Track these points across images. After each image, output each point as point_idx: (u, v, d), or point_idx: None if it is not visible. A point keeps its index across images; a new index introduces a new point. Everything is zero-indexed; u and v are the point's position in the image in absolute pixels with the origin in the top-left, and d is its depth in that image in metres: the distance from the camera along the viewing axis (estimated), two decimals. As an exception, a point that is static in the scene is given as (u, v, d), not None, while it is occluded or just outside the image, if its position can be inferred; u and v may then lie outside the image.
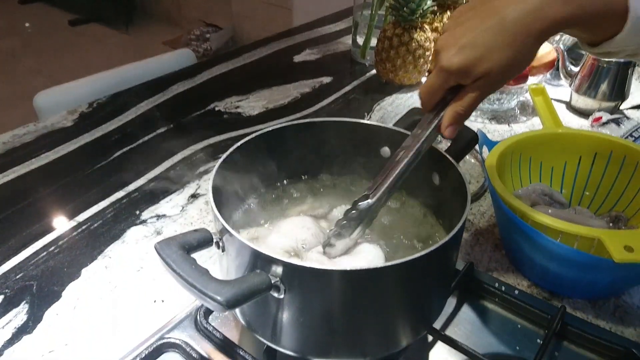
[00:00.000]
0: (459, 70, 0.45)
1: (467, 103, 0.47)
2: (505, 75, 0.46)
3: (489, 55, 0.44)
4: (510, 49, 0.44)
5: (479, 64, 0.44)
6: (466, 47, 0.44)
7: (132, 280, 0.62)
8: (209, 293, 0.36)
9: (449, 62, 0.45)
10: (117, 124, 0.94)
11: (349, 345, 0.45)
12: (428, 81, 0.49)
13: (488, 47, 0.44)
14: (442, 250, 0.42)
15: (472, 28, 0.45)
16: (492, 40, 0.44)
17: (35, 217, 0.72)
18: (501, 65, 0.44)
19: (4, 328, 0.55)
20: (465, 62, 0.45)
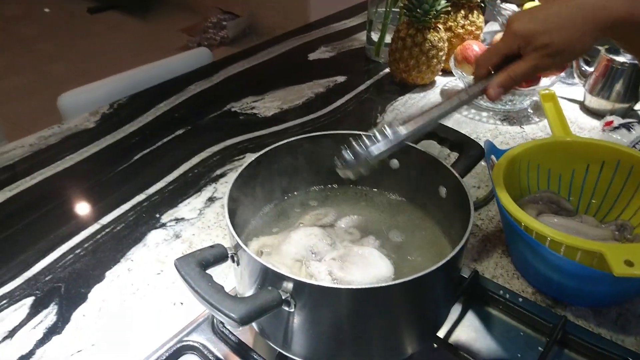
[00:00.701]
0: (526, 34, 0.52)
1: (521, 70, 0.54)
2: (563, 54, 0.52)
3: (556, 30, 0.51)
4: (575, 30, 0.51)
5: (544, 35, 0.51)
6: (539, 18, 0.52)
7: (153, 283, 0.65)
8: (224, 310, 0.39)
9: (520, 26, 0.53)
10: (137, 125, 0.97)
11: (356, 353, 0.48)
12: (490, 47, 0.56)
13: (557, 23, 0.51)
14: (448, 265, 0.44)
15: (550, 7, 0.52)
16: (563, 19, 0.51)
17: (62, 220, 0.76)
18: (562, 43, 0.51)
19: (35, 328, 0.60)
20: (533, 28, 0.52)
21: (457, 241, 0.46)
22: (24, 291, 0.64)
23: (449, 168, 0.55)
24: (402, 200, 0.63)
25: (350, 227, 0.61)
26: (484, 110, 1.05)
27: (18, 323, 0.60)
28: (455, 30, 1.13)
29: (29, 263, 0.68)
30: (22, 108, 2.41)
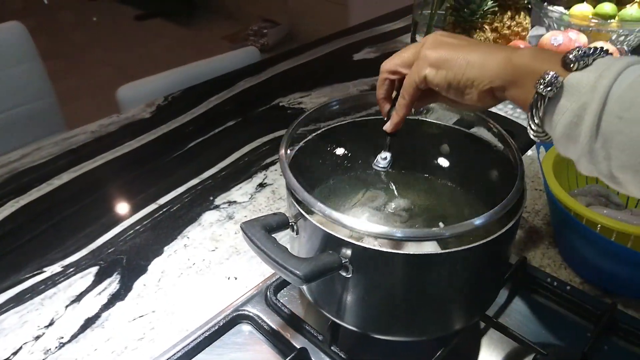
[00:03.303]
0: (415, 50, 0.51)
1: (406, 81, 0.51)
2: (449, 65, 0.47)
3: (448, 46, 0.48)
4: (470, 53, 0.47)
5: (434, 47, 0.48)
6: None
7: (208, 259, 0.69)
8: (289, 268, 0.42)
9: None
10: (191, 116, 1.02)
11: (407, 323, 0.50)
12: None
13: (453, 44, 0.48)
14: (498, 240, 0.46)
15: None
16: (466, 45, 0.48)
17: (122, 199, 0.80)
18: (451, 56, 0.47)
19: (100, 294, 0.64)
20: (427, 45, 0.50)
21: (507, 224, 0.47)
22: (89, 261, 0.68)
23: (501, 150, 0.57)
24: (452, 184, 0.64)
25: (400, 210, 0.62)
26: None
27: (84, 289, 0.64)
28: (501, 31, 1.14)
29: (93, 236, 0.72)
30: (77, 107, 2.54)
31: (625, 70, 0.36)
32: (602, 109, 0.36)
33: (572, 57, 0.39)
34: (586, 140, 0.37)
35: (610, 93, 0.36)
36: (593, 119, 0.36)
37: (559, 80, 0.38)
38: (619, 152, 0.36)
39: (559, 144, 0.40)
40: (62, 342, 0.58)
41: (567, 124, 0.38)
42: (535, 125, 0.41)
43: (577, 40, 1.03)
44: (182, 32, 3.88)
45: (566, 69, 0.39)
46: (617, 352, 0.56)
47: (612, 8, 1.09)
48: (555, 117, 0.39)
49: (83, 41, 3.70)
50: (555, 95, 0.39)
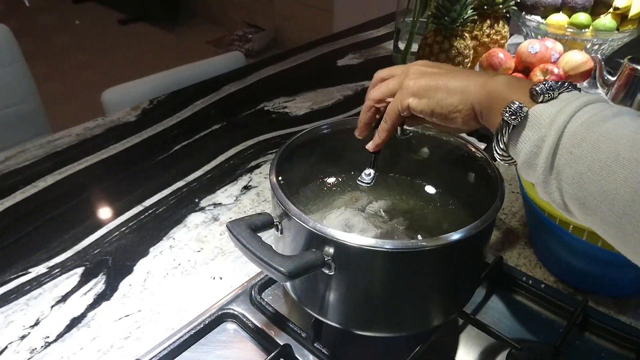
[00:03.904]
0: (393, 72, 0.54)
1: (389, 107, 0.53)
2: (429, 94, 0.49)
3: (429, 74, 0.50)
4: (451, 81, 0.49)
5: (415, 74, 0.51)
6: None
7: (194, 259, 0.70)
8: (274, 265, 0.43)
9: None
10: (176, 120, 1.03)
11: (388, 320, 0.52)
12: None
13: (433, 72, 0.51)
14: (475, 239, 0.48)
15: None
16: (446, 73, 0.50)
17: (108, 201, 0.81)
18: (431, 82, 0.50)
19: (86, 294, 0.64)
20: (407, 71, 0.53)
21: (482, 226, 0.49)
22: (74, 262, 0.69)
23: (479, 151, 0.59)
24: (432, 186, 0.66)
25: (381, 211, 0.64)
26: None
27: (70, 289, 0.65)
28: (480, 39, 1.17)
29: (79, 238, 0.73)
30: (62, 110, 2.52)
31: (583, 108, 0.38)
32: (557, 143, 0.38)
33: (538, 89, 0.41)
34: (542, 170, 0.39)
35: (566, 128, 0.38)
36: (549, 151, 0.38)
37: (524, 110, 0.40)
38: (568, 185, 0.38)
39: (521, 170, 0.42)
40: (47, 342, 0.58)
41: (527, 153, 0.40)
42: (500, 150, 0.43)
43: (553, 48, 1.07)
44: (166, 36, 3.87)
45: (533, 100, 0.41)
46: (588, 346, 0.59)
47: (587, 18, 1.13)
48: (519, 145, 0.41)
49: (66, 44, 3.68)
50: (520, 124, 0.41)
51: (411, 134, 0.64)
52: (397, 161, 0.66)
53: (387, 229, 0.58)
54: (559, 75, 1.00)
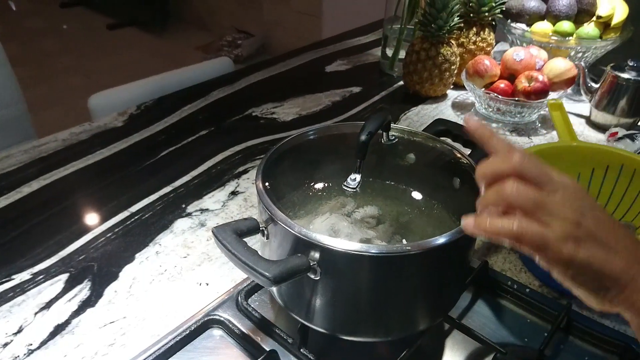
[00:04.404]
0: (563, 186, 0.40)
1: (530, 229, 0.39)
2: (589, 243, 0.38)
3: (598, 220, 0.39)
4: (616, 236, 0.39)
5: (581, 212, 0.39)
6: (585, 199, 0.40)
7: (180, 265, 0.69)
8: (259, 270, 0.43)
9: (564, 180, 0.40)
10: (163, 125, 1.03)
11: (373, 324, 0.52)
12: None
13: (599, 217, 0.39)
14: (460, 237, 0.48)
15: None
16: (608, 221, 0.40)
17: (93, 207, 0.80)
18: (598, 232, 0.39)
19: (70, 301, 0.64)
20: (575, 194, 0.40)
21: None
22: (59, 268, 0.68)
23: (463, 156, 0.60)
24: (418, 192, 0.67)
25: (368, 217, 0.65)
26: (494, 121, 1.10)
27: (54, 296, 0.64)
28: (467, 46, 1.18)
29: (64, 244, 0.72)
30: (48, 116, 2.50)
31: None
32: None
33: None
34: None
35: None
36: None
37: None
38: None
39: None
40: (30, 349, 0.57)
41: None
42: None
43: (537, 56, 1.08)
44: (155, 42, 3.86)
45: None
46: (572, 349, 0.59)
47: (570, 26, 1.15)
48: None
49: (54, 49, 3.65)
50: None
51: (397, 140, 0.64)
52: (383, 167, 0.66)
53: (373, 234, 0.58)
54: (543, 82, 1.02)
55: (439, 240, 0.47)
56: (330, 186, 0.65)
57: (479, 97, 1.09)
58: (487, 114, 1.11)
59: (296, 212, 0.63)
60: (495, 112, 1.09)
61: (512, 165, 0.40)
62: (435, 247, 0.47)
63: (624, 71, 1.03)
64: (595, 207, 0.40)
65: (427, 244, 0.47)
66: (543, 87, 1.02)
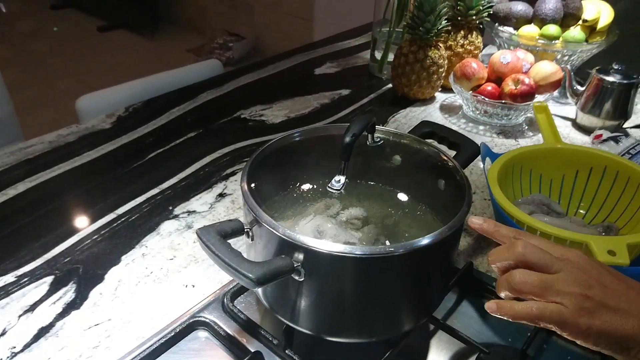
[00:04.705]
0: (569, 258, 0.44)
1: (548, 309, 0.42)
2: (601, 312, 0.41)
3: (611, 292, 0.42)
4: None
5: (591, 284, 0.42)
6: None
7: (166, 267, 0.69)
8: (242, 271, 0.43)
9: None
10: (152, 127, 1.03)
11: (358, 325, 0.52)
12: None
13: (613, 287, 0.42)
14: (444, 238, 0.49)
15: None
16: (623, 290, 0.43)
17: (80, 209, 0.80)
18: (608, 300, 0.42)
19: (55, 303, 0.63)
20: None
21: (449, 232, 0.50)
22: (44, 271, 0.68)
23: (448, 159, 0.60)
24: (404, 193, 0.67)
25: (353, 218, 0.65)
26: (482, 124, 1.11)
27: (38, 298, 0.64)
28: (454, 49, 1.19)
29: (49, 246, 0.72)
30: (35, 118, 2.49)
31: None
32: None
33: None
34: None
35: None
36: None
37: None
38: None
39: None
40: (14, 352, 0.57)
41: None
42: None
43: (524, 59, 1.09)
44: (146, 44, 3.85)
45: None
46: (554, 349, 0.60)
47: (557, 30, 1.16)
48: None
49: (43, 51, 3.63)
50: None
51: (382, 142, 0.65)
52: (369, 168, 0.67)
53: (358, 235, 0.58)
54: (530, 85, 1.03)
55: (423, 242, 0.48)
56: (315, 188, 0.65)
57: (467, 99, 1.10)
58: (475, 117, 1.12)
59: (281, 214, 0.63)
60: (483, 114, 1.10)
61: (515, 255, 0.44)
62: (420, 248, 0.48)
63: (609, 74, 1.04)
64: (603, 274, 0.43)
65: (411, 245, 0.47)
66: (529, 90, 1.03)
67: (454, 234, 0.51)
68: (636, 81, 1.03)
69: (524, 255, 0.44)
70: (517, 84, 1.04)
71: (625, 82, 1.03)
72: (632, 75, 1.03)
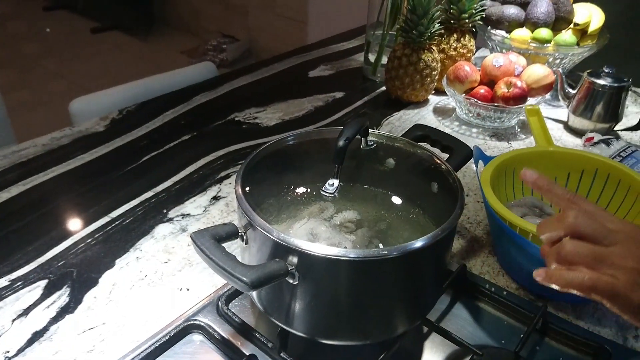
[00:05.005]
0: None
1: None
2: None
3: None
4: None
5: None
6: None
7: (161, 270, 0.69)
8: (237, 275, 0.44)
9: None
10: (145, 130, 1.02)
11: (352, 328, 0.52)
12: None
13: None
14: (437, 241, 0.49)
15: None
16: None
17: (73, 212, 0.80)
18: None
19: (49, 307, 0.63)
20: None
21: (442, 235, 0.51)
22: (37, 274, 0.68)
23: (441, 162, 0.61)
24: (397, 196, 0.67)
25: (347, 222, 0.65)
26: (474, 126, 1.11)
27: (32, 302, 0.64)
28: (447, 52, 1.20)
29: (43, 250, 0.72)
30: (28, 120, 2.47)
31: None
32: None
33: None
34: None
35: None
36: None
37: None
38: None
39: None
40: (7, 357, 0.57)
41: None
42: None
43: (516, 62, 1.10)
44: (140, 46, 3.84)
45: None
46: (547, 350, 0.61)
47: (548, 33, 1.17)
48: None
49: (36, 52, 3.61)
50: None
51: (375, 145, 0.65)
52: (362, 172, 0.67)
53: (352, 238, 0.59)
54: (522, 88, 1.04)
55: (417, 244, 0.48)
56: (310, 191, 0.65)
57: (460, 102, 1.10)
58: (468, 119, 1.12)
59: (275, 217, 0.64)
60: (476, 117, 1.10)
61: (567, 226, 0.42)
62: (413, 250, 0.48)
63: (600, 77, 1.05)
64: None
65: (404, 248, 0.48)
66: (522, 93, 1.04)
67: (447, 237, 0.51)
68: (627, 84, 1.04)
69: (577, 225, 0.42)
70: (509, 87, 1.05)
71: (616, 85, 1.04)
72: (623, 78, 1.05)
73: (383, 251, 0.47)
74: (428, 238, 0.49)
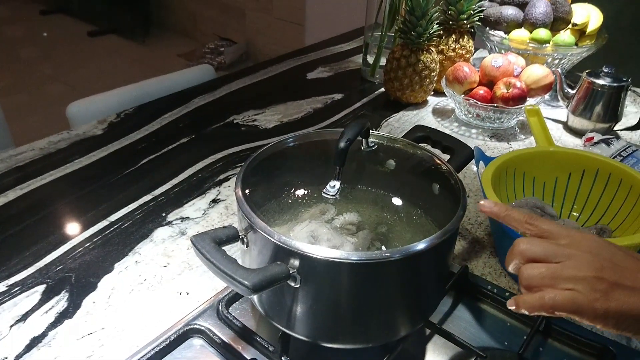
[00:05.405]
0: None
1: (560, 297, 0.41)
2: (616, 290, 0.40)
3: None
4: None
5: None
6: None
7: (160, 274, 0.69)
8: (238, 278, 0.43)
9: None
10: (144, 133, 1.02)
11: (354, 331, 0.52)
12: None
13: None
14: (439, 242, 0.49)
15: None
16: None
17: (71, 216, 0.79)
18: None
19: (47, 312, 0.62)
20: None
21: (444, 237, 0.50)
22: (35, 279, 0.67)
23: (442, 163, 0.60)
24: (399, 198, 0.67)
25: (347, 224, 0.65)
26: (474, 127, 1.11)
27: (30, 308, 0.63)
28: (446, 53, 1.20)
29: (40, 254, 0.71)
30: (26, 124, 2.46)
31: None
32: None
33: None
34: None
35: None
36: None
37: None
38: None
39: None
40: (5, 363, 0.56)
41: None
42: None
43: (515, 62, 1.10)
44: (137, 49, 3.83)
45: None
46: (550, 352, 0.60)
47: (547, 34, 1.17)
48: None
49: (33, 56, 3.60)
50: None
51: (376, 147, 0.65)
52: (363, 173, 0.67)
53: (353, 240, 0.58)
54: (521, 89, 1.03)
55: (419, 246, 0.48)
56: (310, 193, 0.65)
57: (459, 103, 1.10)
58: (467, 120, 1.12)
59: (276, 220, 0.63)
60: (475, 118, 1.10)
61: (517, 253, 0.44)
62: (415, 253, 0.47)
63: (599, 77, 1.05)
64: (615, 254, 0.42)
65: (406, 250, 0.47)
66: (521, 94, 1.04)
67: (449, 238, 0.50)
68: (626, 84, 1.04)
69: (526, 251, 0.44)
70: (508, 87, 1.04)
71: (615, 84, 1.04)
72: (622, 78, 1.04)
73: (385, 254, 0.47)
74: (431, 240, 0.48)
